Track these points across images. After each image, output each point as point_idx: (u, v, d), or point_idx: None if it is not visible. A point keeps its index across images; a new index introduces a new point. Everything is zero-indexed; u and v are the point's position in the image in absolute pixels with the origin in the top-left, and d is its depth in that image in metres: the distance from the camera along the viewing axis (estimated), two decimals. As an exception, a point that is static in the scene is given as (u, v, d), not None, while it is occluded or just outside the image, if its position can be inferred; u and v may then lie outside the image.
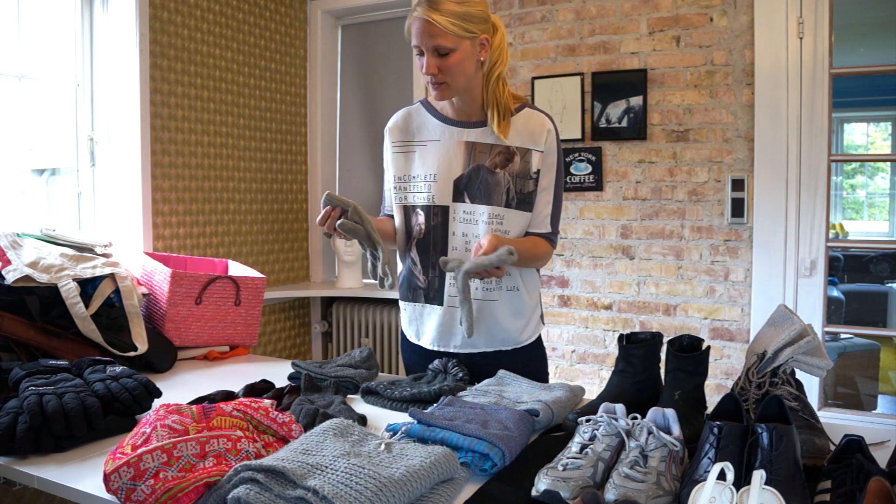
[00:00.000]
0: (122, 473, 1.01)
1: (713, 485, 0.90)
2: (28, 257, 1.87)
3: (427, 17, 1.49)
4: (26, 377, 1.38)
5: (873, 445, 1.16)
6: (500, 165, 1.62)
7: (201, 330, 2.06)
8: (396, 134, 1.73)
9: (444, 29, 1.49)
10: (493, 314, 1.67)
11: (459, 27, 1.50)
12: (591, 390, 2.42)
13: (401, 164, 1.71)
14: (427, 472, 1.00)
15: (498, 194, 1.61)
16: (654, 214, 2.89)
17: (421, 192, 1.67)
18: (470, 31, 1.52)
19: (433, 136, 1.68)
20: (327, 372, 1.66)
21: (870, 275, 5.35)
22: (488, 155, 1.62)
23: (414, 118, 1.72)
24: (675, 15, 2.81)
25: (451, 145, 1.65)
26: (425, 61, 1.53)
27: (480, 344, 1.70)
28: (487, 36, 1.56)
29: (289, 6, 3.40)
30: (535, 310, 1.75)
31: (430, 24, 1.49)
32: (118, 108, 2.62)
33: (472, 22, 1.52)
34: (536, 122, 1.63)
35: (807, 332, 1.31)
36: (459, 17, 1.50)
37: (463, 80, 1.56)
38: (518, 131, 1.62)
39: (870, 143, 6.83)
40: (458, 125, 1.66)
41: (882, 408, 3.82)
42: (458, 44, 1.52)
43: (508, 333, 1.70)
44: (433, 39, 1.50)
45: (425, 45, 1.52)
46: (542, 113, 1.66)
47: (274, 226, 3.34)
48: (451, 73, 1.54)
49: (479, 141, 1.63)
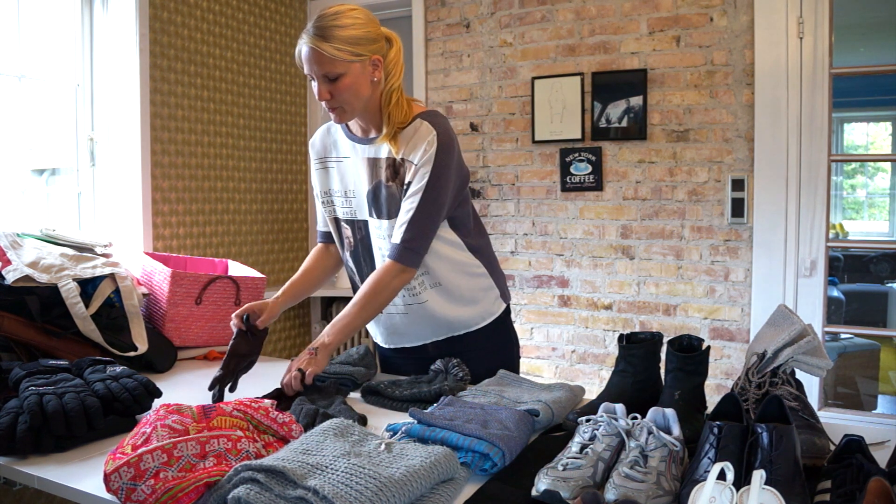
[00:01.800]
0: (123, 473, 1.01)
1: (713, 485, 0.90)
2: (28, 257, 1.87)
3: (313, 46, 1.49)
4: (26, 377, 1.38)
5: (873, 445, 1.16)
6: (391, 178, 1.62)
7: (201, 330, 2.06)
8: (315, 150, 1.78)
9: (331, 56, 1.49)
10: (428, 312, 1.69)
11: (347, 52, 1.50)
12: (591, 390, 2.43)
13: (323, 180, 1.76)
14: (427, 472, 1.00)
15: (395, 207, 1.61)
16: (654, 214, 2.89)
17: (342, 207, 1.72)
18: (358, 53, 1.51)
19: (345, 153, 1.71)
20: (326, 370, 1.66)
21: (870, 275, 5.35)
22: (382, 169, 1.63)
23: (331, 134, 1.75)
24: (675, 15, 2.81)
25: (357, 162, 1.67)
26: (317, 88, 1.54)
27: (429, 336, 1.73)
28: (379, 56, 1.55)
29: (289, 6, 3.40)
30: (483, 293, 1.74)
31: (317, 52, 1.49)
32: (118, 108, 2.62)
33: (360, 45, 1.52)
34: (422, 133, 1.58)
35: (807, 332, 1.31)
36: (346, 42, 1.49)
37: (357, 102, 1.56)
38: (405, 142, 1.60)
39: (870, 143, 6.83)
40: (360, 142, 1.67)
41: (882, 408, 3.82)
42: (347, 68, 1.51)
43: (453, 322, 1.71)
44: (321, 67, 1.50)
45: (314, 73, 1.53)
46: (430, 124, 1.59)
47: (274, 226, 3.34)
48: (344, 98, 1.54)
49: (377, 156, 1.64)
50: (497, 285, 1.78)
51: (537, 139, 3.06)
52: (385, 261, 1.61)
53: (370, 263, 1.71)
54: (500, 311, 1.79)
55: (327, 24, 1.49)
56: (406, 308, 1.70)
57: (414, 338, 1.74)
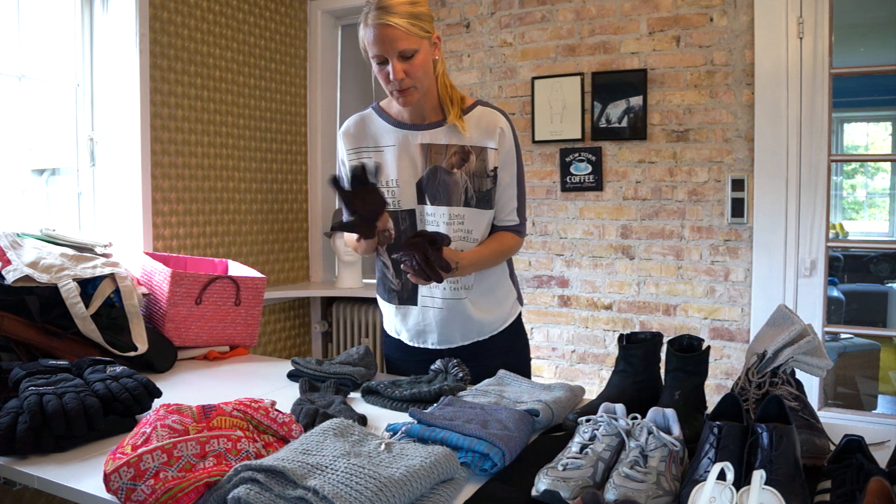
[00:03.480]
0: (123, 473, 1.01)
1: (713, 485, 0.90)
2: (28, 257, 1.87)
3: (387, 22, 1.46)
4: (26, 377, 1.38)
5: (873, 445, 1.16)
6: (457, 165, 1.61)
7: (201, 330, 2.06)
8: (350, 140, 1.72)
9: (406, 31, 1.47)
10: (464, 311, 1.69)
11: (418, 27, 1.50)
12: (591, 390, 2.43)
13: None
14: (427, 472, 1.00)
15: (457, 195, 1.61)
16: (654, 214, 2.89)
17: None
18: (426, 30, 1.53)
19: (388, 142, 1.67)
20: (326, 370, 1.66)
21: (870, 275, 5.35)
22: (444, 156, 1.62)
23: (367, 124, 1.71)
24: (675, 15, 2.81)
25: (407, 149, 1.64)
26: (391, 68, 1.50)
27: (457, 339, 1.73)
28: (438, 35, 1.58)
29: (289, 6, 3.40)
30: (507, 296, 1.76)
31: (391, 29, 1.47)
32: (118, 108, 2.62)
33: (426, 21, 1.53)
34: (489, 120, 1.63)
35: (807, 332, 1.31)
36: (417, 18, 1.49)
37: (428, 81, 1.57)
38: (472, 129, 1.62)
39: (870, 143, 6.83)
40: (412, 128, 1.65)
41: (882, 408, 3.82)
42: (419, 44, 1.51)
43: (483, 326, 1.72)
44: (397, 44, 1.48)
45: (389, 51, 1.49)
46: (495, 109, 1.66)
47: (274, 226, 3.34)
48: (418, 76, 1.53)
49: (434, 142, 1.63)
50: (515, 288, 1.80)
51: (537, 139, 3.06)
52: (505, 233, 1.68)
53: None
54: (517, 315, 1.81)
55: (396, 2, 1.48)
56: (444, 303, 1.68)
57: (441, 338, 1.72)
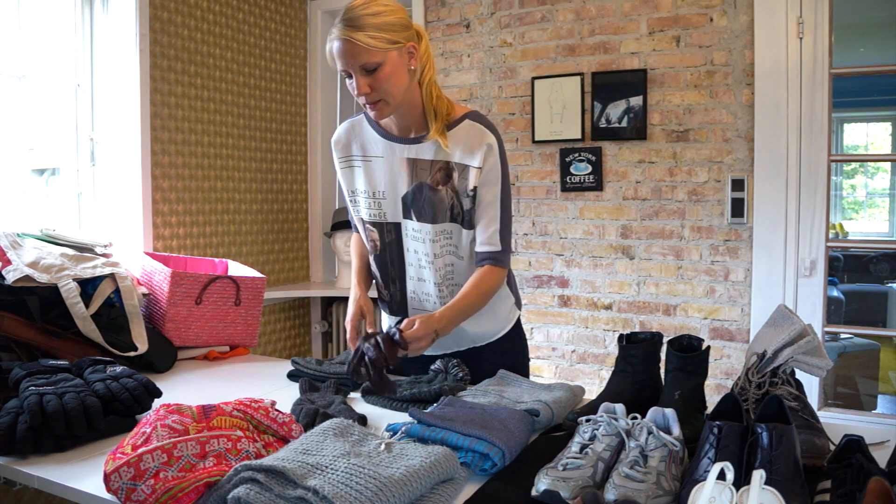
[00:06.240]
0: (123, 473, 1.01)
1: (713, 485, 0.90)
2: (28, 257, 1.87)
3: (346, 37, 1.42)
4: (26, 377, 1.38)
5: (873, 445, 1.16)
6: (442, 182, 1.57)
7: (201, 330, 2.06)
8: (340, 148, 1.70)
9: (366, 45, 1.42)
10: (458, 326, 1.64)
11: (381, 39, 1.43)
12: (591, 390, 2.43)
13: (348, 179, 1.69)
14: (427, 472, 1.00)
15: (442, 212, 1.58)
16: (654, 214, 2.89)
17: (369, 208, 1.66)
18: (393, 41, 1.45)
19: (376, 152, 1.63)
20: (326, 370, 1.66)
21: (870, 275, 5.36)
22: (429, 172, 1.58)
23: (357, 132, 1.67)
24: (675, 15, 2.81)
25: (394, 162, 1.61)
26: (355, 82, 1.46)
27: (451, 346, 1.71)
28: (414, 43, 1.50)
29: (289, 6, 3.40)
30: (503, 305, 1.73)
31: (351, 44, 1.42)
32: (118, 108, 2.62)
33: (395, 31, 1.45)
34: (476, 136, 1.55)
35: (807, 332, 1.31)
36: (380, 30, 1.43)
37: (398, 93, 1.49)
38: (457, 145, 1.56)
39: (869, 143, 6.84)
40: (398, 141, 1.60)
41: (882, 408, 3.82)
42: (384, 57, 1.44)
43: (478, 335, 1.71)
44: (358, 58, 1.43)
45: (351, 67, 1.45)
46: (483, 126, 1.57)
47: (274, 226, 3.34)
48: (384, 89, 1.46)
49: (419, 157, 1.58)
50: (513, 293, 1.77)
51: (537, 139, 3.06)
52: (482, 266, 1.59)
53: (399, 267, 1.67)
54: (515, 319, 1.78)
55: (358, 14, 1.43)
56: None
57: (438, 346, 1.66)
